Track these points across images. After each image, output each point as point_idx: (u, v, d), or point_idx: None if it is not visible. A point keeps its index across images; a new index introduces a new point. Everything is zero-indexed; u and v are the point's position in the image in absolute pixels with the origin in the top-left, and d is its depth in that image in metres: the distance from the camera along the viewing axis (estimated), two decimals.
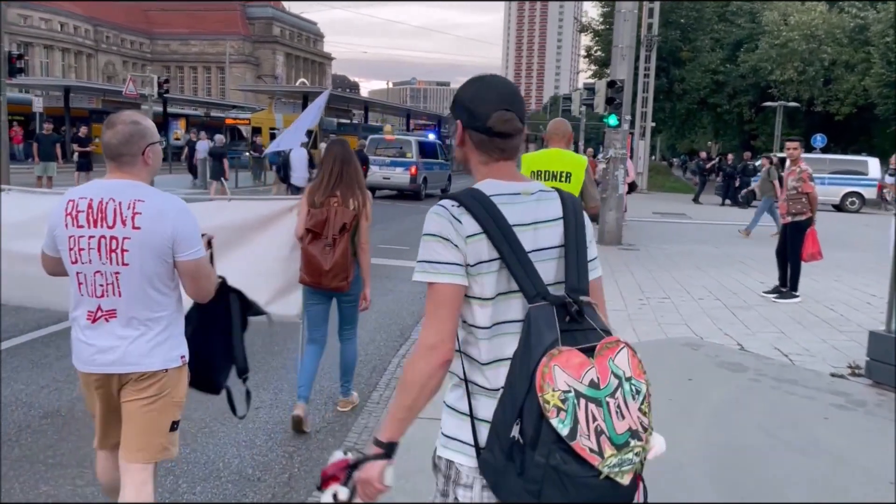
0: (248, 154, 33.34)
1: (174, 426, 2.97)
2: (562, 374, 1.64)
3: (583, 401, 1.64)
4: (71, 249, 2.77)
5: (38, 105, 32.25)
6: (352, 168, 4.82)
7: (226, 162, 22.25)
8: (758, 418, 5.06)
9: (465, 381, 1.91)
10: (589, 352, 1.70)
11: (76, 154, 22.10)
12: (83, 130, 22.80)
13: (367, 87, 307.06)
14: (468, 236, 1.82)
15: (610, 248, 13.79)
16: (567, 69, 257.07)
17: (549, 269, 1.88)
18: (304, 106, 38.61)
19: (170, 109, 43.11)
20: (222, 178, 21.98)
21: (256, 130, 39.66)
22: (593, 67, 47.11)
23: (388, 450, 1.89)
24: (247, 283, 3.84)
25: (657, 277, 10.72)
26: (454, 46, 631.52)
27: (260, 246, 4.81)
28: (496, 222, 1.82)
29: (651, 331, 7.46)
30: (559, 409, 1.62)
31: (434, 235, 1.84)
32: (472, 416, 1.87)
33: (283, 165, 17.22)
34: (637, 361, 1.75)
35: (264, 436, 4.86)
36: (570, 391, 1.64)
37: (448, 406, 1.96)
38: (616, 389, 1.69)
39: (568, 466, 1.62)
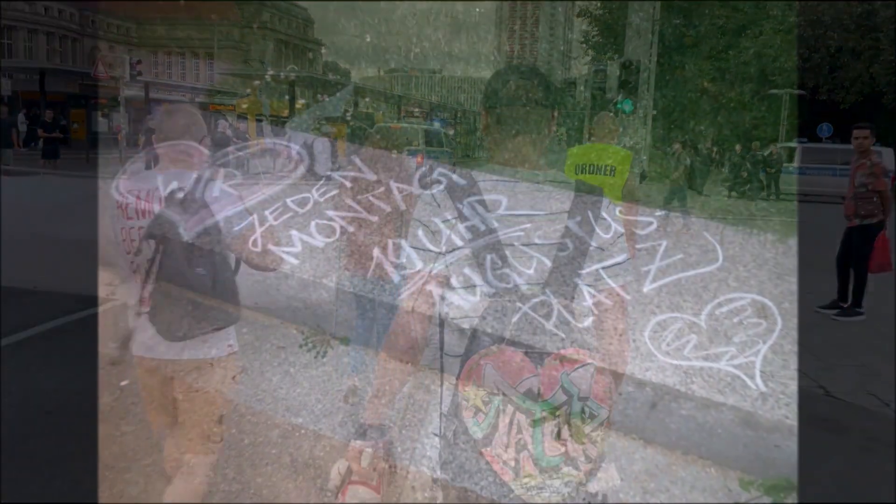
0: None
1: (221, 419, 2.97)
2: (493, 375, 1.49)
3: (510, 408, 1.48)
4: (124, 241, 2.81)
5: (6, 88, 30.67)
6: None
7: None
8: None
9: None
10: (540, 358, 1.50)
11: (41, 140, 20.53)
12: (48, 115, 21.18)
13: (357, 74, 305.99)
14: (445, 221, 1.69)
15: None
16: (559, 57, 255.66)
17: (542, 266, 1.64)
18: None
19: (152, 95, 41.37)
20: None
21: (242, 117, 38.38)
22: (591, 53, 46.03)
23: None
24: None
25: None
26: (446, 33, 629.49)
27: None
28: (474, 209, 1.66)
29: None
30: (477, 410, 1.49)
31: (416, 220, 1.75)
32: None
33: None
34: (606, 382, 1.51)
35: None
36: (497, 394, 1.48)
37: None
38: (561, 406, 1.48)
39: (482, 475, 1.49)
